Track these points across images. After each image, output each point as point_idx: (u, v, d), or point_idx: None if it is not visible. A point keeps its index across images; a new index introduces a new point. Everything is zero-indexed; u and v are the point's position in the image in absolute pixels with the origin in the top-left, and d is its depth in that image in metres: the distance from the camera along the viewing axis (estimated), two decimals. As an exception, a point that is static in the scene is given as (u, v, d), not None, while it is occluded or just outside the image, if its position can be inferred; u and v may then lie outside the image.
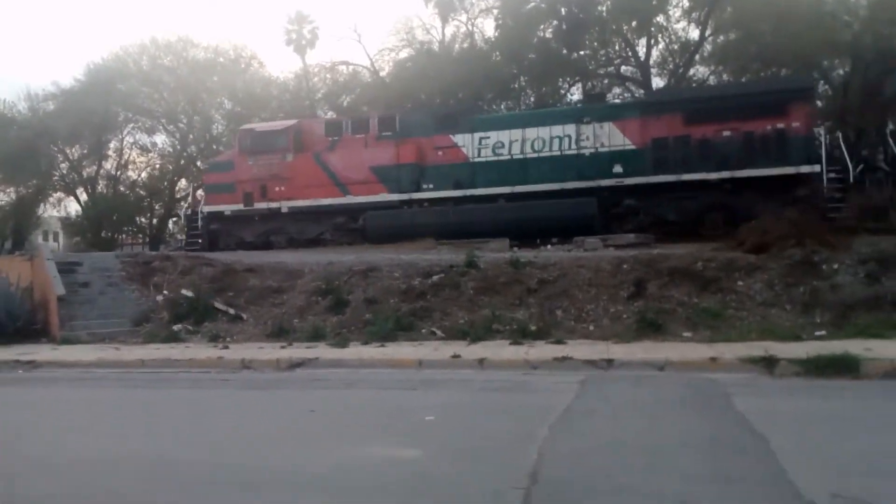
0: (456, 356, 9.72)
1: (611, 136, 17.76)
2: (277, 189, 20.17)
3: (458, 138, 18.92)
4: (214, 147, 31.91)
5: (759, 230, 13.26)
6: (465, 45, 30.84)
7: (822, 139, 16.58)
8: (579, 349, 9.72)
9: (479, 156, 18.70)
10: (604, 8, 26.88)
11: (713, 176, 16.76)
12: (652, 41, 28.13)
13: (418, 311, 12.38)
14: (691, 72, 28.29)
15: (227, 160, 21.76)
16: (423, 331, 11.78)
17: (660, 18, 27.16)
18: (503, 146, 18.51)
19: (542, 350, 9.88)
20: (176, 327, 13.09)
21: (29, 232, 34.98)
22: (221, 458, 5.69)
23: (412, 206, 19.14)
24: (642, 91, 26.58)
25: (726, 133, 16.77)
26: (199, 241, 20.67)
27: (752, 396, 7.11)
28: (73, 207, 35.85)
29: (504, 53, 27.37)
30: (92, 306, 14.07)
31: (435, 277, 13.25)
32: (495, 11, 29.14)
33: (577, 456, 5.39)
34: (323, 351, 10.84)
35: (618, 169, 17.56)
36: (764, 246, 12.54)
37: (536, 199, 17.78)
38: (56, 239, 46.48)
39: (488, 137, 18.67)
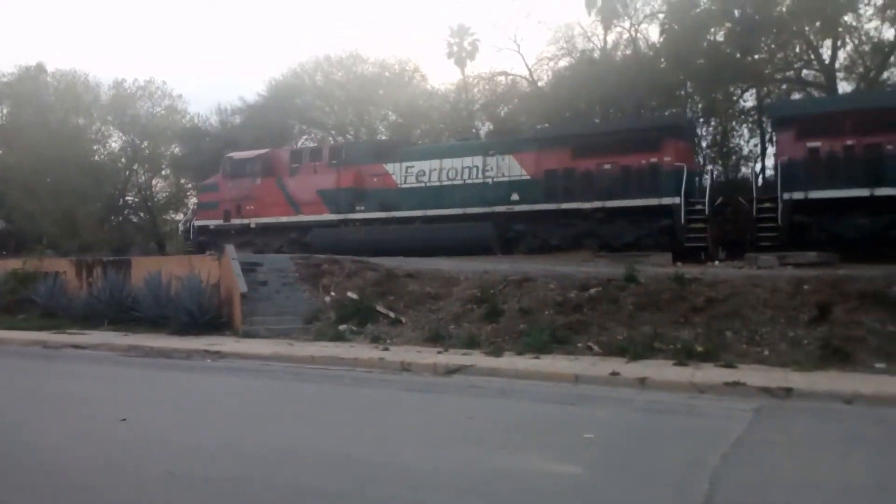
0: (615, 373, 9.43)
1: (510, 168, 19.56)
2: (248, 208, 23.46)
3: (390, 167, 21.40)
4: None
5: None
6: (628, 51, 29.91)
7: (684, 174, 17.34)
8: (752, 375, 9.06)
9: (405, 182, 21.07)
10: (783, 8, 24.93)
11: (586, 205, 18.23)
12: (839, 42, 25.66)
13: (574, 324, 12.14)
14: (885, 75, 25.44)
15: (213, 182, 25.26)
16: (579, 345, 11.55)
17: (848, 17, 24.73)
18: (424, 174, 20.80)
19: (709, 373, 9.32)
20: (342, 327, 13.83)
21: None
22: (388, 458, 5.92)
23: (348, 225, 21.81)
24: (825, 96, 24.33)
25: (606, 166, 18.25)
26: (191, 250, 24.24)
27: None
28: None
29: (670, 59, 26.12)
30: (269, 303, 15.25)
31: (592, 291, 12.95)
32: (661, 16, 27.94)
33: (753, 488, 5.03)
34: (478, 359, 10.96)
35: (515, 197, 19.33)
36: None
37: (446, 223, 20.03)
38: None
39: (413, 166, 21.00)
